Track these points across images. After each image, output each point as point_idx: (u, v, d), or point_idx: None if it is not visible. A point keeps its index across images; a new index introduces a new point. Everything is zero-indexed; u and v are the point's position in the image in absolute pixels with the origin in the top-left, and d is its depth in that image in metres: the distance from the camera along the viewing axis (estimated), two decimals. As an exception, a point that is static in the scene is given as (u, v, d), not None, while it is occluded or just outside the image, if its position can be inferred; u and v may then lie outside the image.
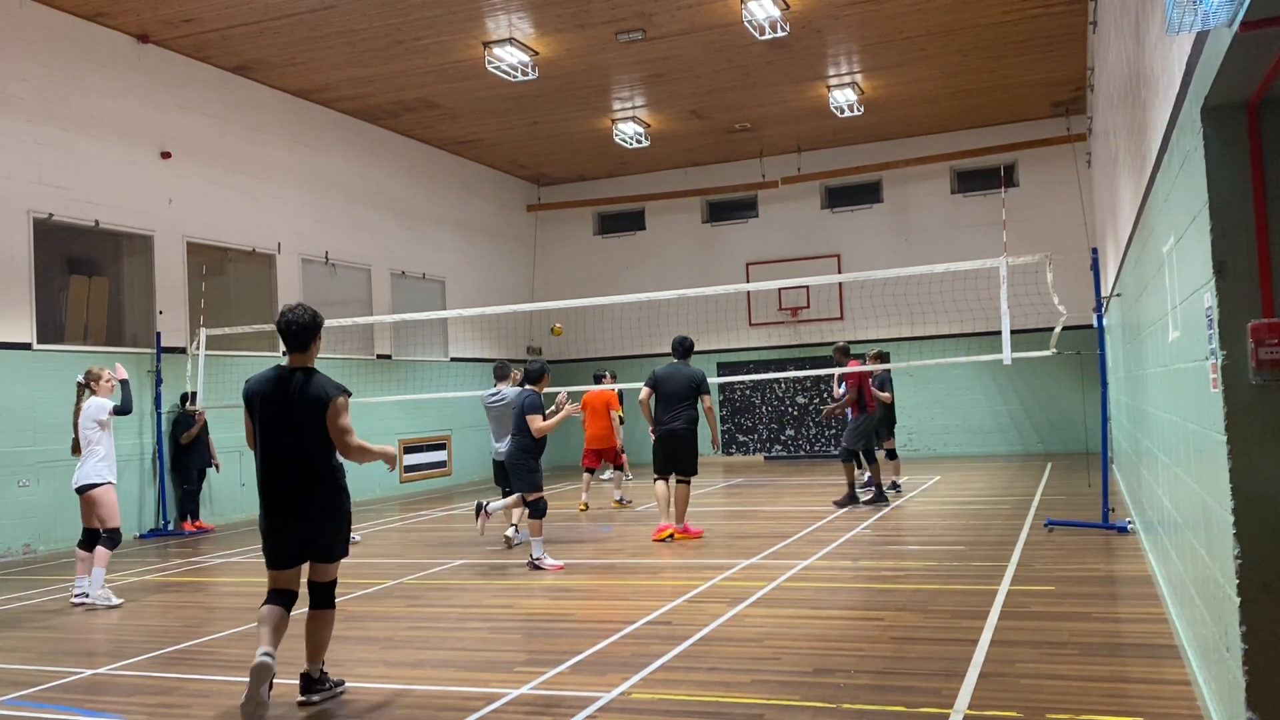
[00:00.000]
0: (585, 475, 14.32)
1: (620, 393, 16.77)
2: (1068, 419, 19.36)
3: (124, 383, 8.54)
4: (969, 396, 20.37)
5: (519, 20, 13.77)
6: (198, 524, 13.35)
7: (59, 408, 12.16)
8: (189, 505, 13.33)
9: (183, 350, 13.78)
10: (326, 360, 16.51)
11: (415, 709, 5.00)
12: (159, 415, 13.32)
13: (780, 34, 13.73)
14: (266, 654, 4.91)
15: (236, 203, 15.14)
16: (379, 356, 17.89)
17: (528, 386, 9.46)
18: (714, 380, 15.83)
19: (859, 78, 16.79)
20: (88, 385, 8.47)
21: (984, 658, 5.38)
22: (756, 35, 13.73)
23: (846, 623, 6.40)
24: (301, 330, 5.38)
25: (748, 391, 21.26)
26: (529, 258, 23.40)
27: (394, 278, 18.61)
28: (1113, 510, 9.99)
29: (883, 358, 13.79)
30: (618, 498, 14.17)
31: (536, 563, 8.93)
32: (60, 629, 7.44)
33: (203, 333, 13.24)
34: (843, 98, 17.38)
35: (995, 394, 20.19)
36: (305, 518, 5.20)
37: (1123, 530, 9.39)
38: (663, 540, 10.13)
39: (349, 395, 5.32)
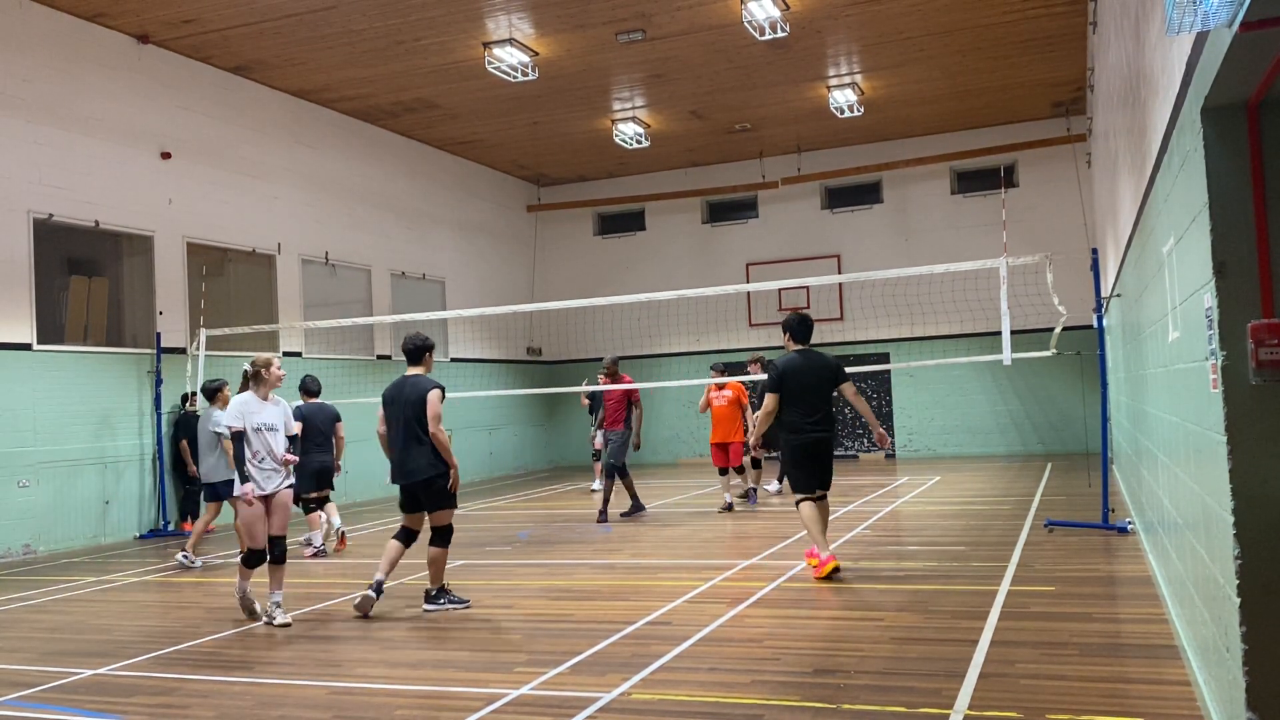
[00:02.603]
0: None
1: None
2: (1068, 419, 19.36)
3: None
4: (969, 397, 20.37)
5: (519, 21, 13.77)
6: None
7: (59, 408, 12.19)
8: (189, 505, 13.33)
9: (183, 351, 13.78)
10: (325, 360, 16.52)
11: (415, 709, 5.00)
12: (159, 416, 13.32)
13: (780, 34, 13.73)
14: (375, 583, 7.31)
15: (236, 203, 15.14)
16: (379, 357, 17.89)
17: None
18: (710, 381, 15.86)
19: (859, 78, 16.79)
20: (255, 375, 7.47)
21: (984, 658, 5.38)
22: (756, 35, 13.72)
23: (846, 623, 6.40)
24: (414, 350, 7.58)
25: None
26: (529, 258, 23.41)
27: (394, 278, 18.61)
28: (1113, 511, 9.99)
29: (764, 365, 13.03)
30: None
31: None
32: (60, 629, 7.44)
33: (203, 333, 13.24)
34: (843, 98, 17.38)
35: (995, 394, 20.19)
36: (413, 477, 7.31)
37: (1123, 531, 9.39)
38: (834, 572, 7.86)
39: (442, 389, 7.42)
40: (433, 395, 7.29)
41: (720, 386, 12.95)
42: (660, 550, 9.94)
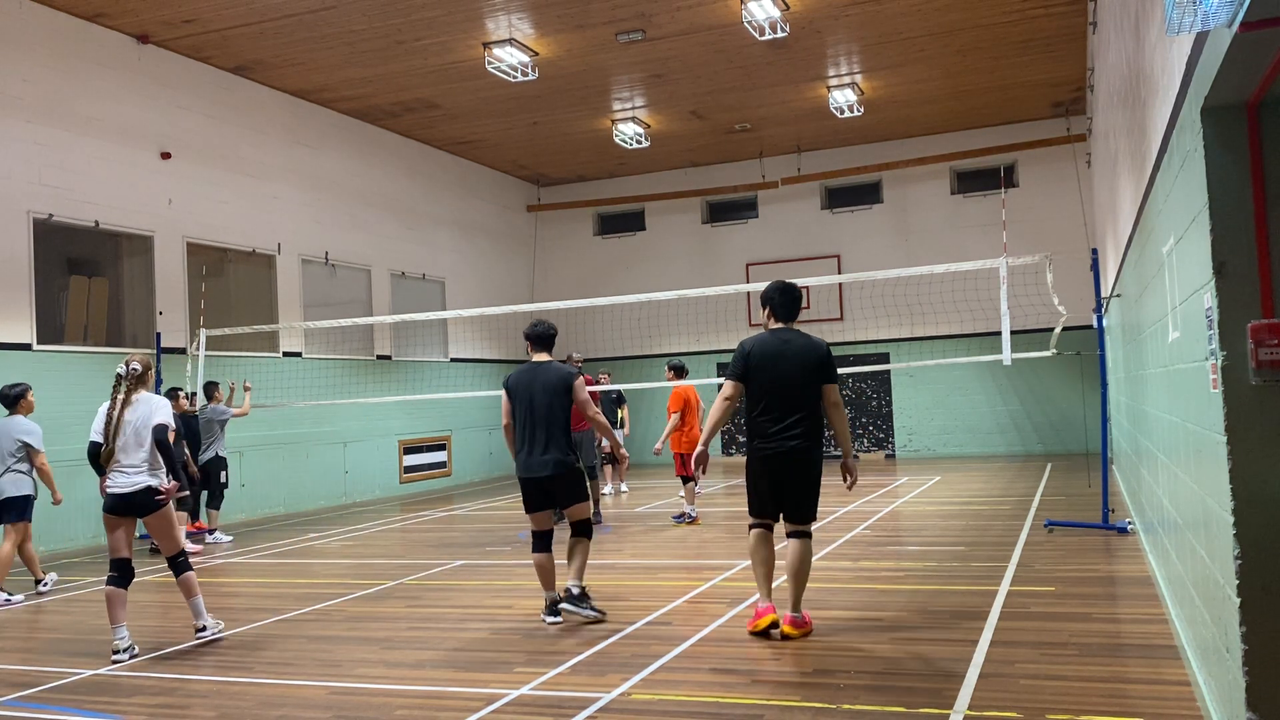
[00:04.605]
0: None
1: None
2: (1068, 419, 19.37)
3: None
4: (969, 397, 20.37)
5: (519, 21, 13.77)
6: (198, 524, 13.32)
7: (59, 408, 12.16)
8: (190, 506, 13.30)
9: (183, 351, 13.78)
10: (325, 360, 16.51)
11: (415, 709, 5.00)
12: (159, 415, 13.30)
13: (780, 34, 13.73)
14: (551, 603, 6.78)
15: (236, 203, 15.14)
16: (379, 357, 17.89)
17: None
18: (713, 381, 15.88)
19: (859, 78, 16.79)
20: (140, 378, 6.82)
21: (984, 658, 5.38)
22: (756, 36, 13.73)
23: (846, 623, 6.39)
24: (546, 335, 7.09)
25: (748, 392, 21.26)
26: (529, 258, 23.41)
27: (394, 278, 18.61)
28: (1113, 511, 9.99)
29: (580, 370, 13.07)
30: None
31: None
32: (60, 629, 7.44)
33: (203, 333, 13.24)
34: (843, 98, 17.38)
35: (995, 394, 20.19)
36: (547, 470, 6.73)
37: (1123, 531, 9.39)
38: (763, 632, 6.06)
39: (582, 375, 7.18)
40: (578, 383, 6.87)
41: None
42: (660, 550, 9.94)
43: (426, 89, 16.34)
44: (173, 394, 11.49)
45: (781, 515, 6.21)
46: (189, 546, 10.25)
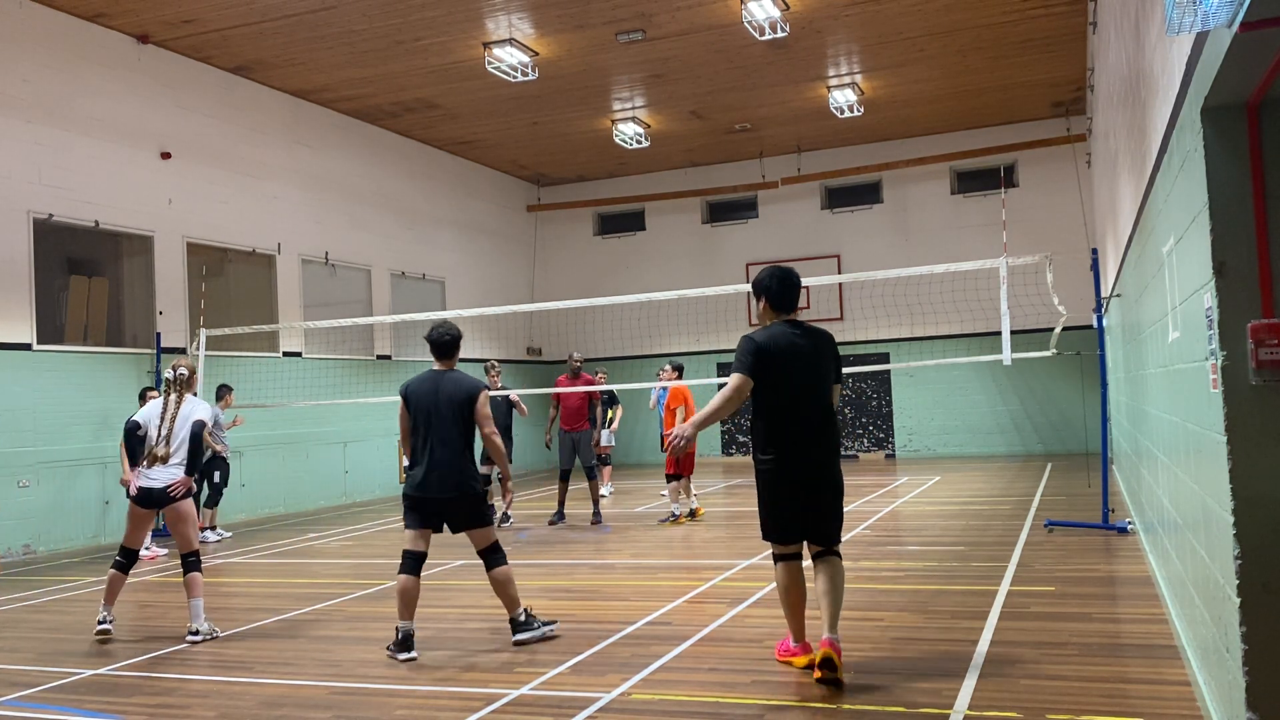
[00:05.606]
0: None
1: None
2: (1068, 419, 19.37)
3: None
4: (969, 397, 20.37)
5: (519, 21, 13.77)
6: (198, 525, 13.33)
7: (59, 408, 12.18)
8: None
9: (183, 351, 13.77)
10: (325, 360, 16.51)
11: (415, 709, 5.00)
12: (159, 415, 13.31)
13: (780, 34, 13.73)
14: (405, 635, 6.06)
15: (236, 203, 15.14)
16: (379, 357, 17.89)
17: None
18: (715, 381, 15.87)
19: (859, 78, 16.79)
20: (187, 382, 7.04)
21: (984, 658, 5.38)
22: (756, 36, 13.73)
23: (846, 623, 6.38)
24: (450, 342, 6.45)
25: (748, 392, 21.24)
26: (529, 258, 23.41)
27: (394, 278, 18.61)
28: (1113, 511, 9.99)
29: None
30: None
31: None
32: (60, 629, 7.44)
33: (203, 333, 13.24)
34: (843, 98, 17.38)
35: (995, 394, 20.20)
36: (456, 490, 6.17)
37: (1123, 531, 9.39)
38: (828, 673, 5.01)
39: (488, 390, 6.45)
40: (483, 396, 6.29)
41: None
42: (660, 550, 9.94)
43: (426, 89, 16.34)
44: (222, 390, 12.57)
45: (807, 536, 5.35)
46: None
